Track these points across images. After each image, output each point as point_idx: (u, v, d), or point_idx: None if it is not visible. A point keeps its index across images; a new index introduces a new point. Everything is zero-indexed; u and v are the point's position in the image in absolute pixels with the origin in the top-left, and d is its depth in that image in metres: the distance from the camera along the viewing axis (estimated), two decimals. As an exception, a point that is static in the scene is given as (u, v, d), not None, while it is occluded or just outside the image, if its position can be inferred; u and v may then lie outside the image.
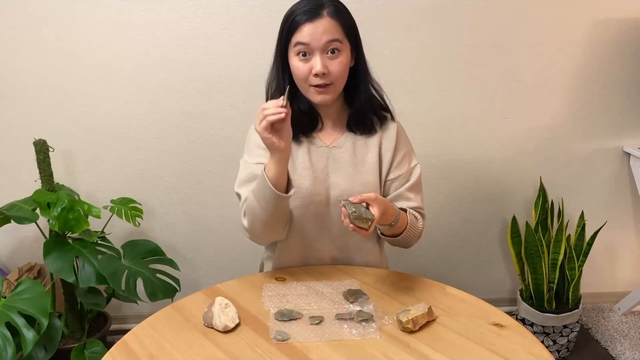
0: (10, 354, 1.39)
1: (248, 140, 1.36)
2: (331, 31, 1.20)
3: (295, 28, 1.21)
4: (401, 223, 1.26)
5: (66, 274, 1.65)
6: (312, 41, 1.20)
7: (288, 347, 1.04)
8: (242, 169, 1.33)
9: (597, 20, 2.00)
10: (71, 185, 1.96)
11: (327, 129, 1.35)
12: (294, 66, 1.23)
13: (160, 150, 2.02)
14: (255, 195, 1.21)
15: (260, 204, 1.21)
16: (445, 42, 1.98)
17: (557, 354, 2.06)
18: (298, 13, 1.21)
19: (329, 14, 1.21)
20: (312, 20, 1.19)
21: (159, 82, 1.94)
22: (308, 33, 1.19)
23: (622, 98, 2.11)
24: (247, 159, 1.33)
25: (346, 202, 1.13)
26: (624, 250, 2.34)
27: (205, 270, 2.19)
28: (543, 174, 2.15)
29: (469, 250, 2.28)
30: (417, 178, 1.36)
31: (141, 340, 1.06)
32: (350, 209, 1.11)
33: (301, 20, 1.20)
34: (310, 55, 1.21)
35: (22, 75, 1.90)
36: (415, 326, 1.07)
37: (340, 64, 1.22)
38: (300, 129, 1.30)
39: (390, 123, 1.36)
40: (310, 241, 1.35)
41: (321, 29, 1.19)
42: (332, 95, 1.26)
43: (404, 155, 1.36)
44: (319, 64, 1.20)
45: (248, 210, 1.24)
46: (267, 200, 1.19)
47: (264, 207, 1.20)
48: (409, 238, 1.31)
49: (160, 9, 1.87)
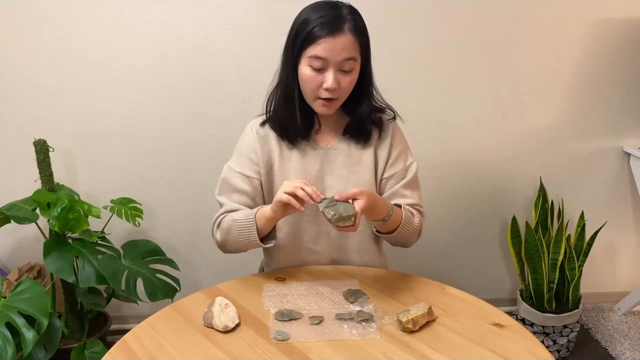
0: (10, 354, 1.39)
1: (240, 145, 1.35)
2: (349, 49, 1.18)
3: (313, 40, 1.17)
4: (395, 218, 1.24)
5: (66, 274, 1.64)
6: (330, 57, 1.17)
7: (288, 347, 1.04)
8: (225, 175, 1.33)
9: (597, 20, 2.00)
10: (71, 185, 1.96)
11: (324, 132, 1.34)
12: (305, 75, 1.21)
13: (160, 150, 2.02)
14: (238, 227, 1.24)
15: (239, 238, 1.25)
16: (446, 42, 1.98)
17: (557, 354, 2.06)
18: (317, 24, 1.16)
19: (349, 29, 1.17)
20: (333, 35, 1.16)
21: (159, 82, 1.94)
22: (327, 48, 1.16)
23: (622, 98, 2.11)
24: (233, 165, 1.33)
25: (324, 208, 1.12)
26: (624, 250, 2.34)
27: (205, 270, 2.19)
28: (543, 174, 2.15)
29: (469, 250, 2.28)
30: (413, 175, 1.35)
31: (141, 340, 1.06)
32: (329, 214, 1.10)
33: (321, 34, 1.15)
34: (324, 69, 1.19)
35: (22, 75, 1.90)
36: (415, 326, 1.07)
37: (350, 82, 1.22)
38: (297, 131, 1.30)
39: (386, 124, 1.35)
40: (308, 244, 1.35)
41: (341, 46, 1.16)
42: (335, 108, 1.27)
43: (400, 153, 1.35)
44: (332, 79, 1.18)
45: (225, 231, 1.28)
46: (248, 240, 1.25)
47: (242, 242, 1.25)
48: (405, 235, 1.29)
49: (160, 9, 1.87)
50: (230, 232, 1.26)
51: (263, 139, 1.32)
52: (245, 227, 1.23)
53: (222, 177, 1.34)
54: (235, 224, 1.25)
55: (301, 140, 1.32)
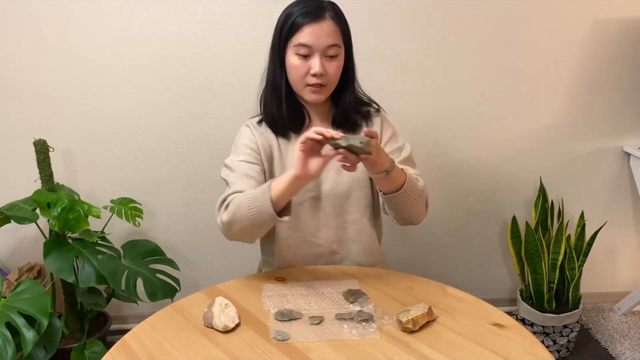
0: (10, 354, 1.39)
1: (238, 140, 1.37)
2: (332, 35, 1.23)
3: (297, 29, 1.22)
4: (398, 175, 1.21)
5: (66, 274, 1.65)
6: (314, 43, 1.22)
7: (288, 347, 1.03)
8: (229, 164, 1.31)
9: (597, 20, 2.00)
10: (71, 185, 1.96)
11: (315, 125, 1.36)
12: (292, 64, 1.26)
13: (160, 150, 2.02)
14: (250, 201, 1.16)
15: (249, 212, 1.16)
16: (446, 42, 1.98)
17: (557, 354, 2.06)
18: (299, 14, 1.23)
19: (330, 17, 1.24)
20: (316, 22, 1.22)
21: (159, 82, 1.94)
22: (311, 34, 1.22)
23: (622, 98, 2.11)
24: (234, 157, 1.33)
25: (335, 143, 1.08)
26: (624, 250, 2.34)
27: (205, 270, 2.19)
28: (543, 174, 2.15)
29: (469, 250, 2.28)
30: (408, 154, 1.36)
31: (141, 340, 1.06)
32: (342, 144, 1.07)
33: (304, 21, 1.22)
34: (310, 55, 1.24)
35: (22, 75, 1.90)
36: (415, 326, 1.07)
37: (337, 67, 1.27)
38: (289, 127, 1.33)
39: (373, 114, 1.39)
40: (309, 236, 1.36)
41: (324, 32, 1.22)
42: (325, 95, 1.30)
43: (390, 136, 1.37)
44: (318, 65, 1.23)
45: (235, 208, 1.19)
46: (260, 213, 1.15)
47: (252, 215, 1.16)
48: (412, 197, 1.24)
49: (161, 8, 1.87)
50: (240, 208, 1.17)
51: (262, 134, 1.35)
52: (257, 197, 1.16)
53: (226, 165, 1.32)
54: (247, 197, 1.18)
55: (293, 134, 1.34)
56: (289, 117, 1.32)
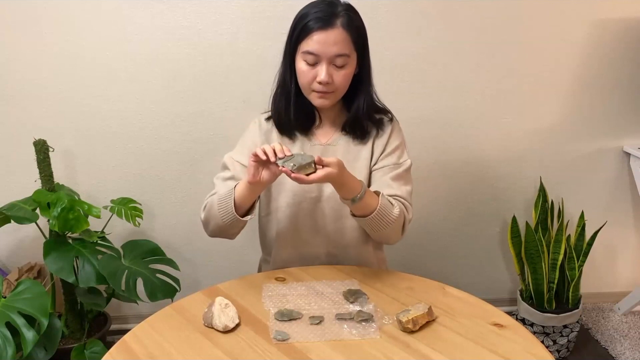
0: (10, 354, 1.39)
1: (244, 136, 1.39)
2: (341, 45, 1.21)
3: (306, 34, 1.21)
4: (368, 203, 1.21)
5: (66, 274, 1.64)
6: (320, 52, 1.21)
7: (288, 347, 1.04)
8: (225, 162, 1.36)
9: (597, 20, 2.00)
10: (71, 185, 1.96)
11: (325, 128, 1.36)
12: (300, 69, 1.25)
13: (160, 150, 2.02)
14: (219, 202, 1.24)
15: (219, 212, 1.24)
16: (446, 42, 1.98)
17: (557, 354, 2.06)
18: (311, 18, 1.20)
19: (342, 24, 1.20)
20: (325, 29, 1.19)
21: (159, 82, 1.94)
22: (318, 42, 1.20)
23: (622, 98, 2.11)
24: (233, 154, 1.36)
25: (283, 161, 1.11)
26: (624, 250, 2.34)
27: (205, 270, 2.19)
28: (543, 174, 2.15)
29: (469, 250, 2.28)
30: (403, 170, 1.34)
31: (141, 340, 1.06)
32: (288, 165, 1.10)
33: (314, 27, 1.20)
34: (317, 63, 1.22)
35: (22, 75, 1.90)
36: (415, 326, 1.07)
37: (344, 76, 1.25)
38: (298, 126, 1.33)
39: (386, 123, 1.37)
40: (306, 238, 1.36)
41: (332, 40, 1.20)
42: (332, 101, 1.28)
43: (395, 148, 1.36)
44: (324, 73, 1.22)
45: (208, 207, 1.29)
46: (226, 213, 1.23)
47: (221, 215, 1.24)
48: (382, 224, 1.24)
49: (160, 9, 1.87)
50: (212, 208, 1.27)
51: (265, 133, 1.36)
52: (224, 199, 1.24)
53: (222, 163, 1.37)
54: (216, 197, 1.26)
55: (300, 134, 1.34)
56: (297, 118, 1.32)
